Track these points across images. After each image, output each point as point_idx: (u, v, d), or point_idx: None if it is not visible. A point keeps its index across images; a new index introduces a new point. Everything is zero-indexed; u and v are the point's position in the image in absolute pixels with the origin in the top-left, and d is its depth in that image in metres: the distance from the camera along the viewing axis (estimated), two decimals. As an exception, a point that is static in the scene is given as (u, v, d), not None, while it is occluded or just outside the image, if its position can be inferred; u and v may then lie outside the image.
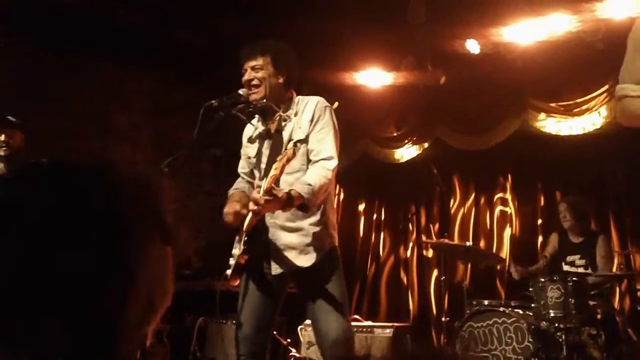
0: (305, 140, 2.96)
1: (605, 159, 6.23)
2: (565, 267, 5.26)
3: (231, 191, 3.21)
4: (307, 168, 2.95)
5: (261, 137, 3.13)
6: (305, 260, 2.91)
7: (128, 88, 7.72)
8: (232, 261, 2.78)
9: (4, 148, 4.55)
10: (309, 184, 2.75)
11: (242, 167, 3.27)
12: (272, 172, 2.70)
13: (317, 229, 2.95)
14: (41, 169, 0.90)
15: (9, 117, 4.59)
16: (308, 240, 2.93)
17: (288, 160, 2.73)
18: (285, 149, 2.86)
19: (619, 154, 5.99)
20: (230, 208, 2.90)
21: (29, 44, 6.69)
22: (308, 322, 4.32)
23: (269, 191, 2.62)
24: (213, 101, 2.87)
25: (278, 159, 2.74)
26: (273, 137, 3.06)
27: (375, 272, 7.71)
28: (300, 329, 5.49)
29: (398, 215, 7.80)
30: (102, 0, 6.10)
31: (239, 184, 3.25)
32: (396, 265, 7.65)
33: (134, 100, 7.76)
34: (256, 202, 2.64)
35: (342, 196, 7.96)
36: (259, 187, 2.70)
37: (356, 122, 7.20)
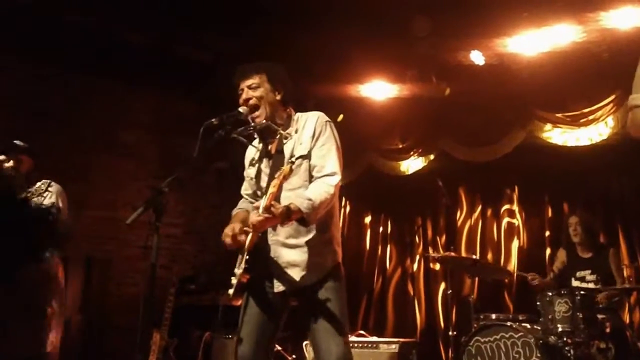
0: (307, 157, 2.94)
1: (613, 170, 6.18)
2: (575, 283, 5.21)
3: (235, 211, 3.19)
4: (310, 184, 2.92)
5: (262, 157, 3.11)
6: (307, 278, 2.88)
7: (133, 105, 7.76)
8: (234, 280, 2.76)
9: (13, 173, 4.58)
10: (309, 199, 2.72)
11: (245, 189, 3.25)
12: (271, 190, 2.68)
13: (319, 245, 2.92)
14: None
15: (17, 142, 4.62)
16: (310, 257, 2.89)
17: (285, 178, 2.71)
18: (291, 165, 2.85)
19: (626, 165, 5.94)
20: (229, 230, 2.87)
21: (34, 63, 6.74)
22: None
23: (267, 209, 2.60)
24: (213, 120, 2.85)
25: (275, 176, 2.72)
26: (274, 157, 3.04)
27: (382, 286, 7.67)
28: (306, 344, 5.44)
29: (404, 228, 7.76)
30: (106, 20, 6.14)
31: (243, 204, 3.23)
32: (403, 278, 7.60)
33: (139, 116, 7.80)
34: (254, 225, 2.64)
35: (347, 209, 7.93)
36: (258, 207, 2.69)
37: (361, 135, 7.19)
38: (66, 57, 6.57)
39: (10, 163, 4.58)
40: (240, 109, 2.99)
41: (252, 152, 3.19)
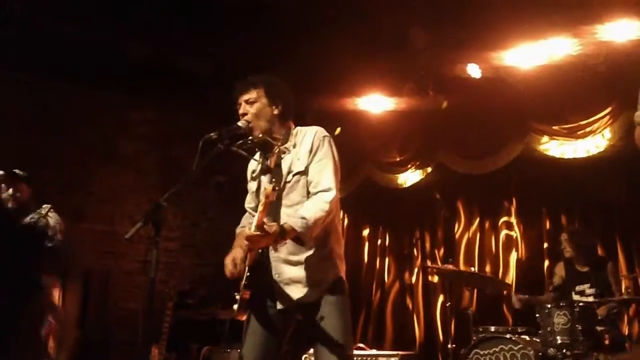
0: (304, 172, 2.93)
1: (610, 182, 6.19)
2: (575, 297, 5.21)
3: (238, 229, 3.19)
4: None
5: (262, 171, 3.11)
6: (309, 294, 2.86)
7: (132, 117, 7.78)
8: (237, 296, 2.76)
9: (12, 201, 4.62)
10: (303, 217, 2.72)
11: (248, 202, 3.25)
12: (259, 209, 2.68)
13: (320, 261, 2.90)
14: None
15: (16, 172, 4.67)
16: (312, 273, 2.87)
17: (268, 198, 2.70)
18: (285, 182, 2.87)
19: (623, 176, 5.97)
20: (229, 259, 2.89)
21: (33, 76, 6.76)
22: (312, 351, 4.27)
23: (259, 227, 2.60)
24: (212, 133, 2.85)
25: (261, 196, 2.72)
26: (273, 171, 3.03)
27: (381, 298, 7.65)
28: (305, 358, 5.42)
29: (402, 240, 7.76)
30: (106, 32, 6.17)
31: (246, 220, 3.23)
32: (401, 291, 7.59)
33: (138, 128, 7.81)
34: (249, 240, 2.65)
35: (346, 222, 7.93)
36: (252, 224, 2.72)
37: (359, 148, 7.21)
38: (66, 69, 6.59)
39: (10, 192, 4.62)
40: (240, 123, 2.99)
41: (253, 165, 3.19)
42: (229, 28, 6.10)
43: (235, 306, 2.74)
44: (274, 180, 2.86)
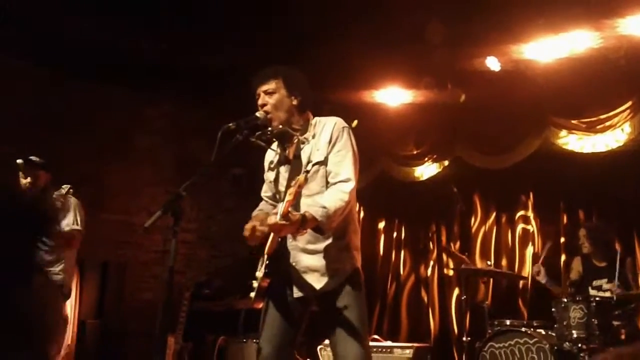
0: (324, 162, 2.95)
1: (629, 177, 6.14)
2: (592, 292, 5.18)
3: (255, 212, 3.22)
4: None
5: (280, 161, 3.13)
6: (326, 283, 2.89)
7: (149, 111, 7.83)
8: (255, 284, 2.78)
9: (30, 188, 4.65)
10: (324, 207, 2.74)
11: (265, 191, 3.27)
12: (287, 198, 2.70)
13: (338, 251, 2.93)
14: None
15: (32, 159, 4.69)
16: (329, 263, 2.90)
17: (300, 187, 2.72)
18: (304, 171, 2.87)
19: (642, 171, 5.91)
20: (249, 225, 2.91)
21: (51, 72, 6.83)
22: (327, 342, 4.29)
23: (285, 215, 2.62)
24: (230, 124, 2.87)
25: (292, 184, 2.74)
26: (292, 161, 3.05)
27: (396, 291, 7.66)
28: (320, 348, 5.45)
29: (418, 233, 7.75)
30: (123, 28, 6.20)
31: (263, 206, 3.25)
32: (417, 284, 7.58)
33: (155, 123, 7.87)
34: (272, 228, 2.65)
35: (362, 215, 7.93)
36: (277, 213, 2.72)
37: (376, 141, 7.19)
38: (84, 65, 6.65)
39: (28, 179, 4.66)
40: (258, 114, 3.01)
41: (271, 155, 3.21)
42: (245, 23, 6.10)
43: (252, 294, 2.76)
44: (305, 170, 2.88)
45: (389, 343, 5.59)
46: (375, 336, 5.83)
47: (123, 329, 7.07)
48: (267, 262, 2.78)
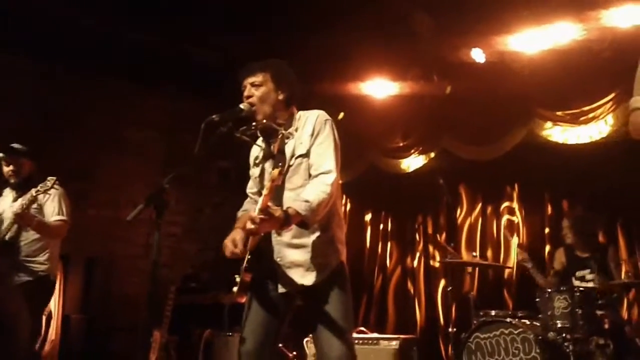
0: (306, 155, 2.93)
1: (613, 168, 6.18)
2: (575, 283, 5.22)
3: (240, 213, 3.20)
4: None
5: (265, 157, 3.11)
6: (311, 278, 2.87)
7: (139, 103, 7.78)
8: (237, 278, 2.77)
9: (14, 177, 4.59)
10: (307, 200, 2.72)
11: (250, 187, 3.25)
12: (264, 193, 2.68)
13: (322, 245, 2.91)
14: None
15: (15, 146, 4.62)
16: (314, 257, 2.88)
17: (274, 182, 2.69)
18: (288, 165, 2.87)
19: (626, 162, 5.95)
20: (229, 240, 2.89)
21: (42, 62, 6.77)
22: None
23: (264, 210, 2.60)
24: (214, 116, 2.84)
25: (267, 179, 2.72)
26: (277, 157, 3.04)
27: (382, 283, 7.69)
28: (306, 341, 5.46)
29: (405, 225, 7.78)
30: (116, 19, 6.16)
31: (247, 205, 3.24)
32: (403, 276, 7.62)
33: (146, 115, 7.82)
34: (252, 221, 2.64)
35: (348, 207, 7.95)
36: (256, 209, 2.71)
37: (362, 133, 7.20)
38: (75, 56, 6.60)
39: (11, 167, 4.60)
40: (242, 106, 2.99)
41: (256, 150, 3.19)
42: (237, 16, 6.08)
43: (235, 288, 2.75)
44: (279, 164, 2.86)
45: (375, 335, 5.60)
46: (362, 328, 5.84)
47: (108, 324, 7.04)
48: (249, 257, 2.77)
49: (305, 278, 2.88)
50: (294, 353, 5.59)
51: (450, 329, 5.29)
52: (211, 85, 6.98)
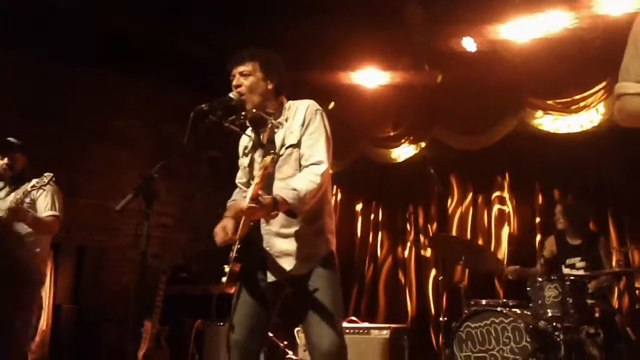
0: (297, 145, 2.92)
1: (604, 157, 6.19)
2: (565, 270, 5.23)
3: (229, 203, 3.18)
4: None
5: (254, 147, 3.09)
6: (300, 267, 2.87)
7: (127, 94, 7.72)
8: (227, 268, 2.75)
9: (7, 171, 4.56)
10: (295, 189, 2.70)
11: (240, 178, 3.24)
12: (255, 181, 2.66)
13: (312, 235, 2.90)
14: None
15: (10, 140, 4.59)
16: (303, 246, 2.88)
17: (267, 169, 2.68)
18: (279, 155, 2.85)
19: (617, 152, 5.96)
20: (219, 228, 2.87)
21: (28, 53, 6.70)
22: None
23: (255, 198, 2.58)
24: (203, 105, 2.82)
25: (259, 168, 2.70)
26: (266, 146, 3.02)
27: (373, 273, 7.69)
28: (297, 331, 5.46)
29: (396, 215, 7.78)
30: (103, 10, 6.09)
31: (236, 195, 3.22)
32: (394, 265, 7.62)
33: (133, 105, 7.77)
34: (242, 211, 2.62)
35: (339, 197, 7.94)
36: (246, 197, 2.69)
37: (353, 122, 7.18)
38: (60, 46, 6.52)
39: (5, 161, 4.56)
40: (231, 94, 2.96)
41: (245, 140, 3.17)
42: (224, 5, 6.02)
43: (224, 279, 2.73)
44: (272, 152, 2.84)
45: (366, 324, 5.61)
46: (353, 318, 5.85)
47: (99, 314, 7.02)
48: (239, 246, 2.75)
49: (295, 267, 2.87)
50: (285, 343, 5.59)
51: (441, 319, 5.29)
52: (198, 75, 6.94)
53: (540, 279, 4.67)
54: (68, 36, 6.33)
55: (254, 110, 2.98)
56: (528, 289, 4.73)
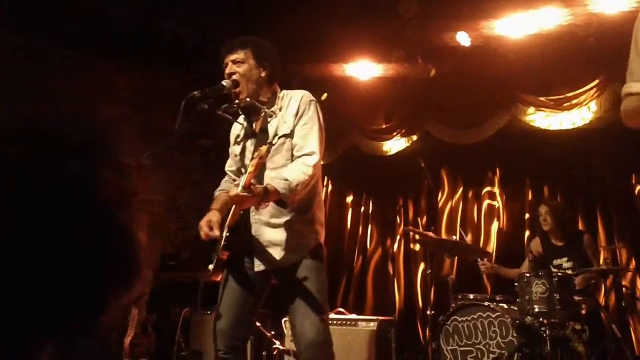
0: (290, 135, 2.91)
1: (594, 155, 6.22)
2: (553, 271, 5.25)
3: (217, 192, 3.17)
4: None
5: (246, 135, 3.08)
6: (288, 257, 2.87)
7: (115, 80, 7.65)
8: (214, 257, 2.75)
9: None
10: (286, 179, 2.70)
11: (230, 166, 3.23)
12: (249, 169, 2.66)
13: (301, 225, 2.91)
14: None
15: None
16: (292, 237, 2.88)
17: (262, 158, 2.68)
18: (271, 144, 2.84)
19: (607, 149, 5.99)
20: (204, 222, 2.86)
21: (15, 39, 6.62)
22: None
23: (247, 187, 2.58)
24: (195, 92, 2.81)
25: (254, 156, 2.70)
26: (258, 135, 3.01)
27: (362, 265, 7.70)
28: (284, 321, 5.45)
29: (386, 208, 7.78)
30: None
31: (225, 184, 3.21)
32: (383, 258, 7.63)
33: (123, 92, 7.70)
34: (232, 198, 2.61)
35: (329, 188, 7.93)
36: (239, 185, 2.68)
37: (345, 114, 7.16)
38: (48, 31, 6.46)
39: None
40: (224, 82, 2.95)
41: (237, 128, 3.16)
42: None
43: (211, 266, 2.73)
44: (268, 141, 2.84)
45: (353, 316, 5.61)
46: (341, 309, 5.85)
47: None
48: (228, 234, 2.75)
49: (282, 257, 2.87)
50: (272, 332, 5.58)
51: (428, 312, 5.31)
52: (186, 62, 6.89)
53: (527, 275, 4.69)
54: (55, 19, 6.26)
55: (247, 99, 2.97)
56: (516, 284, 4.76)
